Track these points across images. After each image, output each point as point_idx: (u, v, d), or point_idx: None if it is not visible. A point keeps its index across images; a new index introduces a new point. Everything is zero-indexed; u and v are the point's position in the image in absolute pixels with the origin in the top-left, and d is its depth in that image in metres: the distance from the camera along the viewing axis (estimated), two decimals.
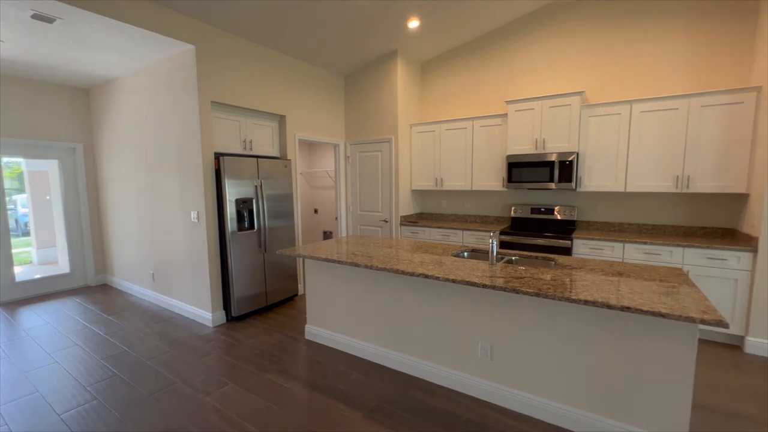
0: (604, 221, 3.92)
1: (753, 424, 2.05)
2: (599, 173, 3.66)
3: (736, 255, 2.92)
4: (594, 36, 3.83)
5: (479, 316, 2.29)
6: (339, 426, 2.07)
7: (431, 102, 5.03)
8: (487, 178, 4.35)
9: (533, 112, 3.89)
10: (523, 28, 4.20)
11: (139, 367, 2.78)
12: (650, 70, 3.59)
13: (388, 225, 4.91)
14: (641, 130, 3.42)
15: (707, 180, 3.19)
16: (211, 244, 3.49)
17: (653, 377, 1.79)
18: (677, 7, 3.42)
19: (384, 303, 2.73)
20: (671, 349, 1.74)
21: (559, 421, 2.04)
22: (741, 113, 3.04)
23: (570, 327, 1.98)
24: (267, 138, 4.16)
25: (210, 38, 3.40)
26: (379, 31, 3.99)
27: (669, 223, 3.61)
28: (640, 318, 1.79)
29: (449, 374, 2.43)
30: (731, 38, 3.24)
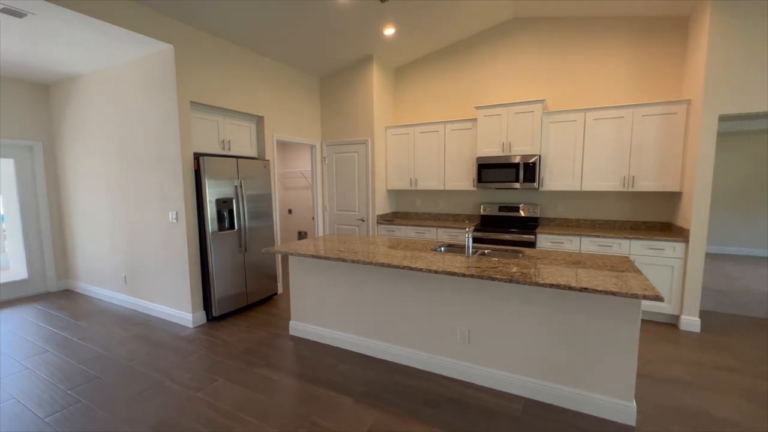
0: (563, 217, 4.32)
1: (686, 387, 2.43)
2: (558, 174, 4.04)
3: (672, 245, 3.37)
4: (552, 49, 4.22)
5: (457, 304, 2.52)
6: (333, 411, 2.21)
7: (405, 106, 5.25)
8: (458, 178, 4.63)
9: (500, 117, 4.21)
10: (491, 38, 4.52)
11: (121, 369, 2.75)
12: (601, 82, 4.02)
13: (365, 224, 5.06)
14: (594, 135, 3.83)
15: (648, 180, 3.64)
16: (191, 245, 3.48)
17: (605, 349, 2.09)
18: (620, 27, 3.87)
19: (368, 296, 2.89)
20: (619, 324, 2.04)
21: (529, 393, 2.30)
22: (674, 122, 3.50)
23: (536, 310, 2.25)
24: (245, 138, 4.18)
25: (188, 38, 3.40)
26: (357, 36, 4.14)
27: (618, 218, 4.06)
28: (595, 297, 2.08)
29: (431, 359, 2.64)
30: (667, 56, 3.72)
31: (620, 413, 2.08)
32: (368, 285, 2.88)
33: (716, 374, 2.59)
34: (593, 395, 2.14)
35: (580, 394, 2.17)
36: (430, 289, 2.61)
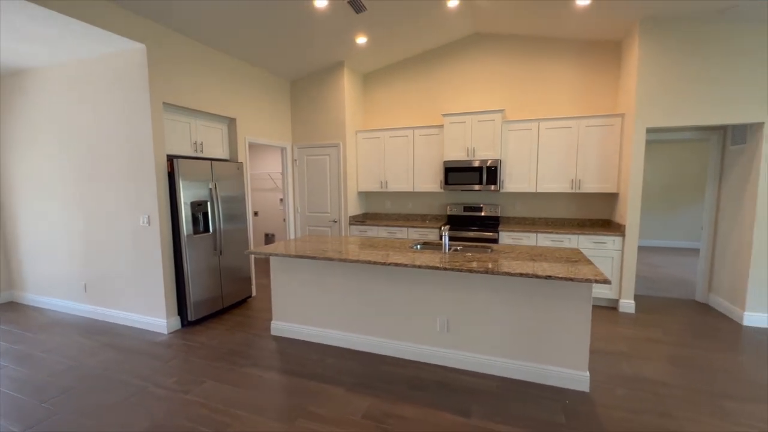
0: (521, 216, 4.77)
1: (626, 357, 2.87)
2: (516, 177, 4.46)
3: (612, 239, 3.90)
4: (509, 64, 4.65)
5: (437, 296, 2.76)
6: (327, 401, 2.34)
7: (373, 110, 5.45)
8: (426, 180, 4.92)
9: (465, 124, 4.56)
10: (456, 51, 4.87)
11: (97, 378, 2.65)
12: (552, 95, 4.51)
13: (337, 225, 5.19)
14: (546, 143, 4.29)
15: (592, 182, 4.17)
16: (165, 248, 3.40)
17: (564, 328, 2.44)
18: (566, 47, 4.38)
19: (352, 293, 3.04)
20: (575, 306, 2.40)
21: (503, 372, 2.60)
22: (612, 133, 4.05)
23: (507, 297, 2.56)
24: (217, 140, 4.14)
25: (161, 38, 3.33)
26: (330, 43, 4.27)
27: (567, 216, 4.58)
28: (556, 284, 2.42)
29: (414, 348, 2.86)
30: (605, 74, 4.29)
31: (577, 382, 2.44)
32: (352, 282, 3.03)
33: (648, 346, 3.08)
34: (556, 369, 2.48)
35: (545, 368, 2.50)
36: (411, 283, 2.83)
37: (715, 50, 3.42)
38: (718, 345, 3.09)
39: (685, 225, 7.44)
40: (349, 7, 3.58)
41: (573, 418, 2.14)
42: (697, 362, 2.80)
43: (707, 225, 4.16)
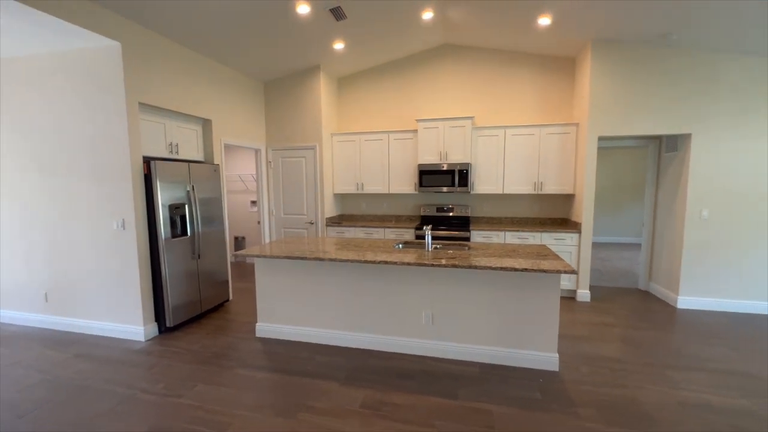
0: (490, 216, 5.12)
1: (586, 339, 3.24)
2: (485, 179, 4.79)
3: (570, 236, 4.33)
4: (478, 74, 4.99)
5: (422, 291, 2.95)
6: (323, 395, 2.44)
7: (348, 114, 5.56)
8: (401, 182, 5.12)
9: (438, 129, 4.82)
10: (429, 59, 5.12)
11: (76, 389, 2.54)
12: (517, 104, 4.90)
13: (314, 226, 5.24)
14: (512, 148, 4.66)
15: (552, 185, 4.59)
16: (141, 253, 3.30)
17: (536, 315, 2.73)
18: (528, 61, 4.79)
19: (339, 292, 3.15)
20: (546, 295, 2.70)
21: (483, 359, 2.84)
22: (569, 140, 4.49)
23: (486, 290, 2.80)
24: (192, 142, 4.05)
25: (137, 37, 3.23)
26: (307, 47, 4.34)
27: (531, 215, 4.99)
28: (528, 275, 2.70)
29: (401, 341, 3.03)
30: (562, 87, 4.74)
31: (548, 363, 2.73)
32: (340, 281, 3.14)
33: (603, 329, 3.48)
34: (530, 352, 2.76)
35: (520, 353, 2.78)
36: (398, 280, 2.99)
37: (654, 70, 3.94)
38: (658, 325, 3.57)
39: (629, 222, 8.30)
40: (330, 15, 3.69)
41: (547, 394, 2.41)
42: (643, 341, 3.23)
43: (647, 222, 4.74)
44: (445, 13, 4.08)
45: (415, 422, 2.15)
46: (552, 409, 2.26)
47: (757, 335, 3.33)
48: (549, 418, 2.18)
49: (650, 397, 2.39)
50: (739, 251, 3.91)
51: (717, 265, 3.98)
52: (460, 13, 4.02)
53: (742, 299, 3.95)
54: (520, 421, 2.14)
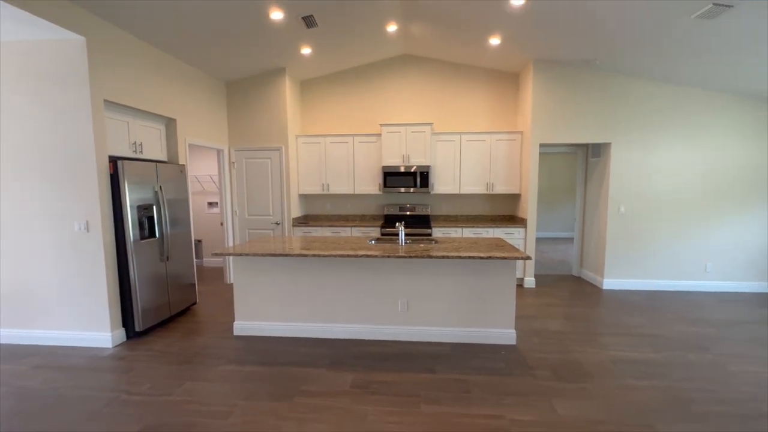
0: (448, 214, 5.58)
1: (535, 318, 3.77)
2: (444, 181, 5.24)
3: (518, 230, 4.92)
4: (436, 83, 5.42)
5: (397, 282, 3.24)
6: (315, 380, 2.61)
7: (311, 116, 5.70)
8: (366, 183, 5.38)
9: (400, 134, 5.16)
10: (391, 67, 5.45)
11: (50, 398, 2.43)
12: (471, 113, 5.41)
13: (281, 227, 5.29)
14: (467, 152, 5.16)
15: (501, 185, 5.16)
16: (108, 256, 3.18)
17: (497, 298, 3.16)
18: (480, 74, 5.33)
19: (319, 286, 3.32)
20: (504, 280, 3.13)
21: (453, 338, 3.21)
22: (515, 145, 5.09)
23: (454, 278, 3.17)
24: (156, 141, 3.94)
25: (102, 32, 3.13)
26: (274, 51, 4.42)
27: (483, 213, 5.54)
28: (490, 263, 3.12)
29: (379, 329, 3.29)
30: (508, 98, 5.34)
31: (507, 338, 3.17)
32: (319, 276, 3.31)
33: (547, 309, 4.06)
34: (492, 330, 3.18)
35: (484, 331, 3.19)
36: (374, 272, 3.25)
37: (582, 89, 4.65)
38: (589, 303, 4.24)
39: (562, 219, 9.39)
40: (302, 22, 3.84)
41: (509, 363, 2.83)
42: (579, 316, 3.84)
43: (578, 218, 5.52)
44: (408, 27, 4.43)
45: (403, 395, 2.42)
46: (515, 373, 2.68)
47: (663, 306, 4.12)
48: (513, 380, 2.58)
49: (589, 357, 2.92)
50: (647, 241, 4.76)
51: (631, 253, 4.80)
52: (421, 28, 4.40)
53: (651, 279, 4.81)
54: (490, 386, 2.52)
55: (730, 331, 3.45)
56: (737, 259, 4.71)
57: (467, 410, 2.24)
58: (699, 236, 4.72)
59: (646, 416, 2.19)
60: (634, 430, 2.07)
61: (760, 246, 4.66)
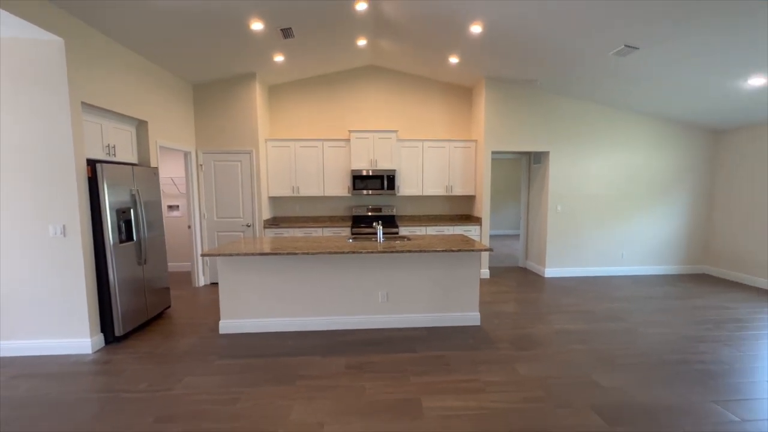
0: (412, 214, 6.05)
1: (492, 303, 4.35)
2: (408, 183, 5.69)
3: (474, 227, 5.53)
4: (400, 93, 5.87)
5: (377, 275, 3.60)
6: (311, 366, 2.87)
7: (279, 120, 5.84)
8: (336, 186, 5.66)
9: (368, 140, 5.52)
10: (358, 76, 5.79)
11: (45, 404, 2.41)
12: (432, 121, 5.94)
13: (251, 229, 5.37)
14: (429, 158, 5.66)
15: (459, 188, 5.75)
16: (87, 261, 3.13)
17: (464, 285, 3.65)
18: (439, 87, 5.88)
19: (305, 282, 3.56)
20: (470, 270, 3.64)
21: (429, 323, 3.64)
22: (470, 152, 5.71)
23: (428, 270, 3.61)
24: (127, 143, 3.89)
25: (79, 33, 3.09)
26: (246, 56, 4.53)
27: (444, 213, 6.09)
28: (457, 255, 3.60)
29: (361, 319, 3.61)
30: (463, 110, 5.95)
31: (473, 320, 3.68)
32: (303, 273, 3.55)
33: (502, 295, 4.68)
34: (461, 313, 3.67)
35: (454, 314, 3.67)
36: (356, 268, 3.58)
37: (526, 104, 5.38)
38: (535, 289, 4.95)
39: (509, 218, 10.40)
40: (280, 33, 4.04)
41: (477, 339, 3.33)
42: (527, 300, 4.49)
43: (523, 217, 6.30)
44: (377, 42, 4.82)
45: (393, 371, 2.79)
46: (482, 347, 3.17)
47: (590, 288, 4.95)
48: (482, 352, 3.07)
49: (538, 331, 3.52)
50: (579, 235, 5.63)
51: (567, 246, 5.64)
52: (389, 44, 4.81)
53: (581, 267, 5.69)
54: (465, 358, 2.98)
55: (640, 304, 4.31)
56: (645, 248, 5.76)
57: (448, 377, 2.68)
58: (617, 230, 5.69)
59: (583, 369, 2.79)
60: (575, 380, 2.64)
61: (661, 237, 5.75)
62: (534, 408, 2.32)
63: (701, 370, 2.79)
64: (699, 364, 2.89)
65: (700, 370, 2.79)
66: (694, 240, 5.83)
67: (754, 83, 3.89)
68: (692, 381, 2.64)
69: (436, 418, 2.22)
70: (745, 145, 5.26)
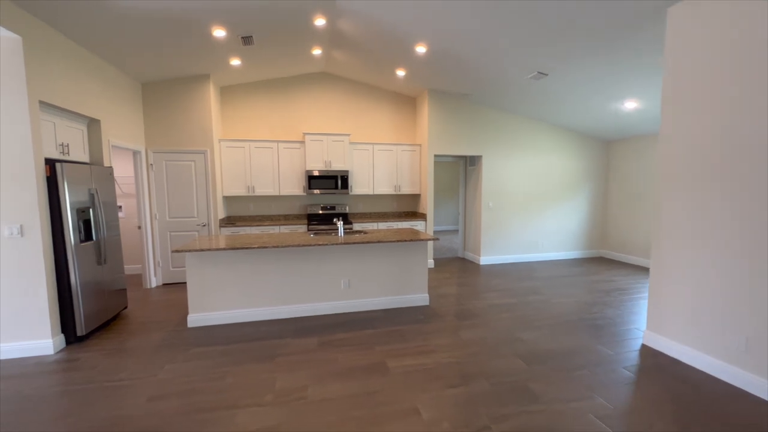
0: (364, 212, 6.53)
1: (439, 287, 5.01)
2: (360, 183, 6.17)
3: (420, 223, 6.18)
4: (352, 99, 6.32)
5: (339, 265, 4.02)
6: (286, 345, 3.21)
7: (232, 121, 5.94)
8: (291, 186, 5.93)
9: (322, 142, 5.89)
10: (312, 81, 6.10)
11: (22, 400, 2.45)
12: (381, 126, 6.47)
13: (206, 228, 5.43)
14: (378, 160, 6.20)
15: (406, 187, 6.37)
16: (47, 261, 3.11)
17: (415, 270, 4.23)
18: (387, 95, 6.44)
19: (271, 274, 3.85)
20: (420, 257, 4.23)
21: (385, 306, 4.15)
22: (415, 155, 6.36)
23: (384, 258, 4.12)
24: (79, 142, 3.82)
25: (36, 31, 3.06)
26: (202, 58, 4.64)
27: (392, 210, 6.67)
28: (409, 244, 4.17)
29: (325, 306, 4.01)
30: (409, 117, 6.59)
31: (423, 300, 4.28)
32: (272, 266, 3.85)
33: (445, 280, 5.38)
34: (412, 295, 4.25)
35: (407, 297, 4.23)
36: (320, 259, 3.96)
37: (463, 114, 6.17)
38: (472, 274, 5.75)
39: (448, 214, 11.37)
40: (240, 40, 4.26)
41: (427, 315, 3.93)
42: (466, 282, 5.25)
43: (461, 212, 7.14)
44: (331, 52, 5.21)
45: (359, 344, 3.25)
46: (431, 321, 3.77)
47: (516, 271, 5.89)
48: (431, 325, 3.67)
49: (475, 306, 4.24)
50: (507, 227, 6.59)
51: (498, 237, 6.56)
52: (342, 54, 5.23)
53: (509, 254, 6.66)
54: (418, 330, 3.54)
55: (553, 282, 5.29)
56: (558, 237, 6.92)
57: (406, 345, 3.21)
58: (536, 222, 6.76)
59: (509, 330, 3.51)
60: (503, 338, 3.35)
61: (570, 228, 6.96)
62: (473, 359, 2.95)
63: (592, 324, 3.69)
64: (591, 320, 3.79)
65: (591, 324, 3.69)
66: (594, 229, 7.14)
67: (629, 106, 5.05)
68: (585, 332, 3.50)
69: (400, 374, 2.73)
70: (628, 152, 6.62)
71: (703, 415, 2.24)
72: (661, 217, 3.06)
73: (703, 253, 2.74)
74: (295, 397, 2.45)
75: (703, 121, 2.71)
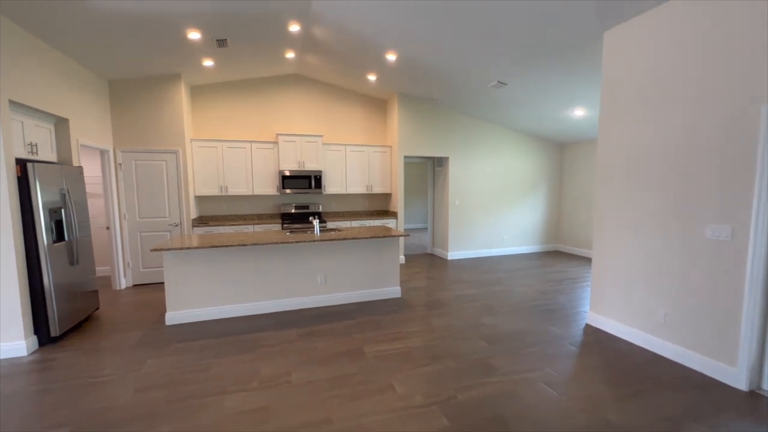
0: (336, 211, 6.73)
1: (410, 280, 5.32)
2: (333, 183, 6.37)
3: (392, 221, 6.48)
4: (325, 101, 6.50)
5: (316, 261, 4.22)
6: (267, 338, 3.37)
7: (204, 121, 5.94)
8: (265, 185, 6.02)
9: (295, 143, 6.03)
10: (285, 83, 6.21)
11: (6, 401, 2.47)
12: (353, 128, 6.69)
13: (179, 228, 5.41)
14: (351, 160, 6.42)
15: (378, 187, 6.64)
16: (19, 261, 3.08)
17: (388, 265, 4.51)
18: (358, 98, 6.68)
19: (248, 271, 3.98)
20: (392, 252, 4.51)
21: (360, 298, 4.40)
22: (386, 156, 6.64)
23: (358, 254, 4.36)
24: (47, 142, 3.76)
25: (5, 29, 3.01)
26: (175, 59, 4.66)
27: (364, 209, 6.92)
28: (382, 240, 4.44)
29: (302, 300, 4.19)
30: (380, 119, 6.86)
31: (395, 293, 4.57)
32: (250, 263, 3.98)
33: (416, 275, 5.71)
34: (385, 289, 4.52)
35: (380, 290, 4.50)
36: (297, 256, 4.14)
37: (431, 118, 6.52)
38: (440, 269, 6.12)
39: (418, 213, 11.77)
40: (215, 42, 4.34)
41: (400, 306, 4.22)
42: (435, 276, 5.60)
43: (430, 211, 7.52)
44: (304, 56, 5.37)
45: (337, 334, 3.47)
46: (404, 311, 4.07)
47: (480, 265, 6.33)
48: (404, 315, 3.96)
49: (444, 296, 4.59)
50: (472, 224, 7.04)
51: (464, 233, 7.00)
52: (314, 58, 5.41)
53: (474, 249, 7.12)
54: (391, 319, 3.82)
55: (515, 274, 5.77)
56: (519, 233, 7.47)
57: (382, 332, 3.48)
58: (499, 219, 7.27)
59: (474, 318, 3.88)
60: (469, 323, 3.71)
61: (529, 224, 7.53)
62: (442, 343, 3.27)
63: (545, 309, 4.14)
64: (544, 306, 4.25)
65: (545, 309, 4.14)
66: (550, 225, 7.77)
67: (578, 113, 5.61)
68: (539, 316, 3.93)
69: (376, 358, 3.00)
70: (578, 155, 7.28)
71: (628, 377, 2.68)
72: (599, 208, 3.54)
73: (628, 234, 3.25)
74: (280, 381, 2.64)
75: (629, 130, 3.19)
